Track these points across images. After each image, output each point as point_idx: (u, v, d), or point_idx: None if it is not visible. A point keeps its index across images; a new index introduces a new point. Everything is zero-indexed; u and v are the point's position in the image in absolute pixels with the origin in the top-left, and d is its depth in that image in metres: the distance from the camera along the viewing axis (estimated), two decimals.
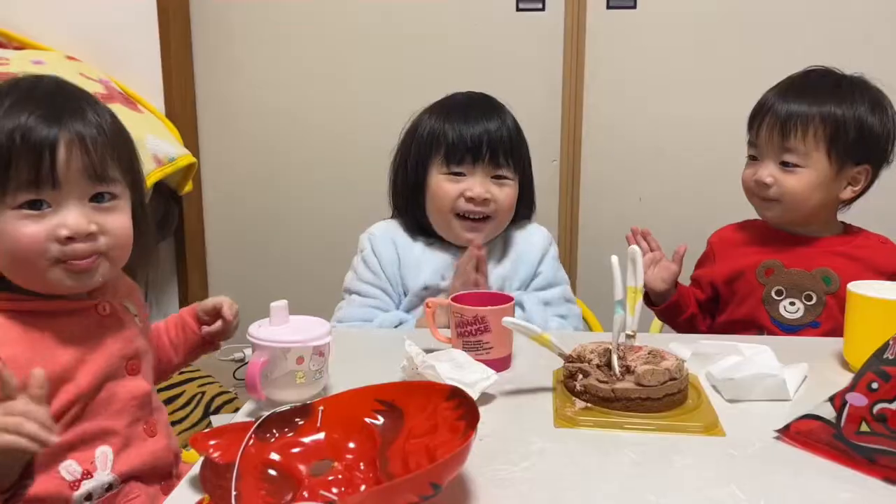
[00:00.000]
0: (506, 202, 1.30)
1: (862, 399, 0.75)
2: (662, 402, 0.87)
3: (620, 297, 0.92)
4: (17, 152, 0.80)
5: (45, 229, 0.81)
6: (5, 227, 0.81)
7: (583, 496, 0.70)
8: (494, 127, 1.29)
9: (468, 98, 1.35)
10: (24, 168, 0.80)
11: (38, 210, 0.81)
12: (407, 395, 0.77)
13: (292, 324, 0.92)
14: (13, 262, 0.83)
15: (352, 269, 1.36)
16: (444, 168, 1.29)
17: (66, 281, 0.84)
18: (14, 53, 1.96)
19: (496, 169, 1.29)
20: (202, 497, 0.66)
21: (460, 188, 1.28)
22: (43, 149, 0.80)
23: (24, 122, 0.81)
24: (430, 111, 1.35)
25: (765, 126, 1.27)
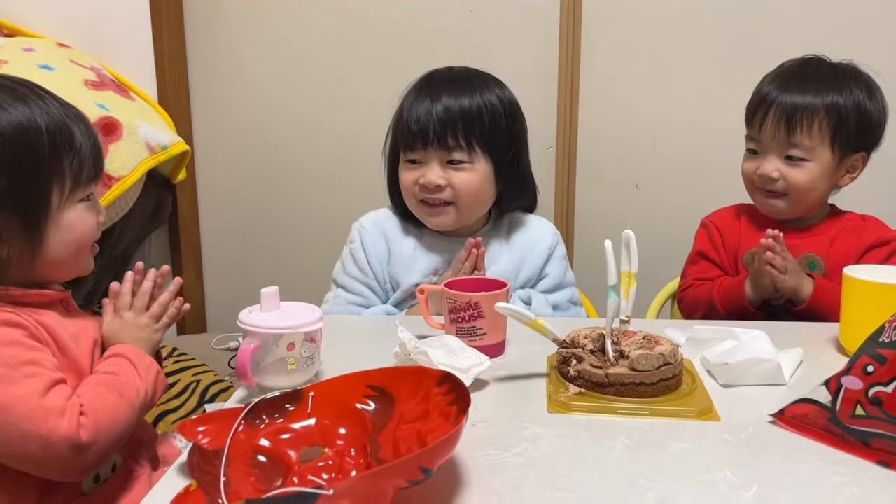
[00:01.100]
0: (464, 187, 1.24)
1: (857, 382, 0.74)
2: (656, 387, 0.86)
3: (614, 281, 0.91)
4: (89, 149, 0.89)
5: (94, 218, 0.92)
6: (73, 219, 0.88)
7: (576, 481, 0.70)
8: (444, 105, 1.22)
9: (442, 75, 1.30)
10: (93, 164, 0.90)
11: (89, 200, 0.91)
12: (398, 381, 0.77)
13: (283, 310, 0.91)
14: (77, 251, 0.90)
15: (340, 259, 1.34)
16: (403, 155, 1.27)
17: (91, 263, 0.94)
18: (5, 41, 1.94)
19: (448, 153, 1.23)
20: (190, 483, 0.65)
21: (416, 176, 1.25)
22: (101, 148, 0.92)
23: (86, 123, 0.90)
24: (410, 84, 1.31)
25: (769, 121, 1.26)
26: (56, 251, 0.87)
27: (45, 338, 0.84)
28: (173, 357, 1.74)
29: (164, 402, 1.59)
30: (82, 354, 0.88)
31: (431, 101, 1.23)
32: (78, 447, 0.77)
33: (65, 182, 0.87)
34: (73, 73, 1.87)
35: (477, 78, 1.29)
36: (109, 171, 1.76)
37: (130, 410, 0.84)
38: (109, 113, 1.80)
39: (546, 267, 1.32)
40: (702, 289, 1.32)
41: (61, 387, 0.80)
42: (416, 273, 1.28)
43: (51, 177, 0.86)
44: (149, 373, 0.89)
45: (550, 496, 0.67)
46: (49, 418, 0.76)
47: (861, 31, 1.94)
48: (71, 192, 0.88)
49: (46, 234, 0.86)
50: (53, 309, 0.89)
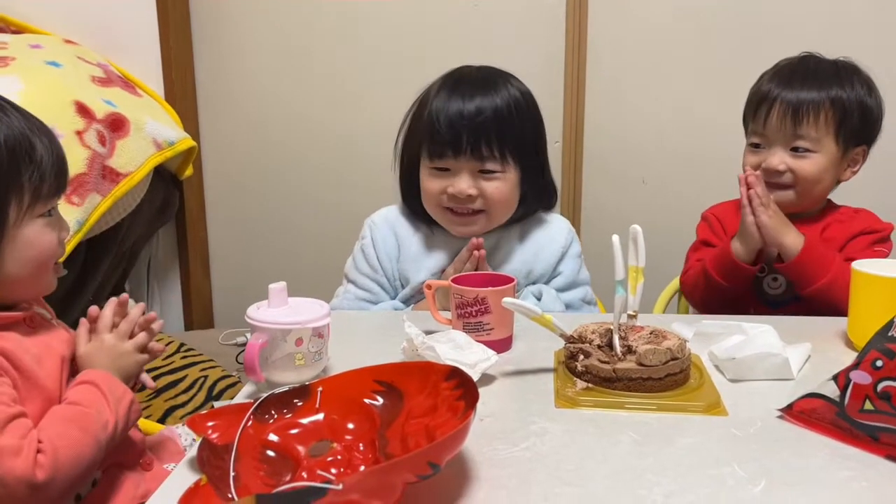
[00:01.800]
0: (496, 196, 1.21)
1: (866, 377, 0.74)
2: (664, 381, 0.86)
3: (622, 276, 0.91)
4: (51, 164, 0.86)
5: (56, 235, 0.88)
6: (32, 235, 0.85)
7: (583, 475, 0.70)
8: (476, 111, 1.17)
9: (468, 77, 1.24)
10: (54, 178, 0.86)
11: (51, 217, 0.88)
12: (406, 376, 0.77)
13: (291, 306, 0.91)
14: (37, 269, 0.86)
15: (352, 255, 1.34)
16: (428, 161, 1.22)
17: (54, 282, 0.91)
18: (12, 37, 1.95)
19: (481, 163, 1.19)
20: (200, 478, 0.65)
21: (444, 185, 1.21)
22: (65, 163, 0.89)
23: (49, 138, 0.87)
24: (435, 83, 1.26)
25: (774, 114, 1.27)
26: (13, 269, 0.84)
27: (2, 366, 0.80)
28: (181, 352, 1.74)
29: (173, 398, 1.60)
30: (47, 375, 0.85)
31: (463, 106, 1.18)
32: (34, 487, 0.73)
33: (23, 196, 0.83)
34: (80, 69, 1.87)
35: (502, 78, 1.25)
36: (117, 168, 1.76)
37: (95, 446, 0.80)
38: (117, 109, 1.81)
39: (560, 265, 1.30)
40: (697, 268, 1.34)
41: (17, 423, 0.76)
42: (426, 270, 1.28)
43: (8, 191, 0.82)
44: (120, 404, 0.84)
45: (558, 490, 0.67)
46: (3, 459, 0.72)
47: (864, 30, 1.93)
48: (29, 206, 0.84)
49: (2, 250, 0.82)
50: (15, 329, 0.85)
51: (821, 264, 1.20)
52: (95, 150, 1.71)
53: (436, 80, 1.28)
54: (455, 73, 1.27)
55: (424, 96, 1.27)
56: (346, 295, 1.31)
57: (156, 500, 0.67)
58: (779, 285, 1.29)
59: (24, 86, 1.68)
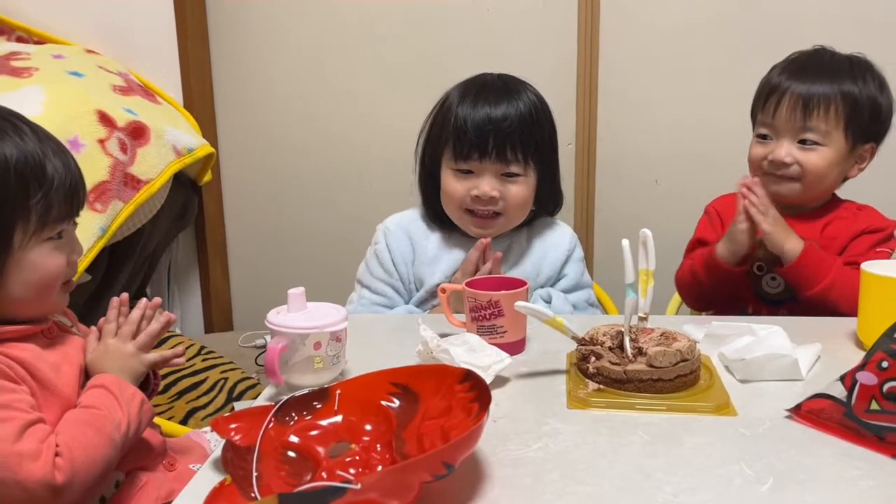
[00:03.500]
0: (516, 200, 1.26)
1: (872, 378, 0.76)
2: (674, 382, 0.88)
3: (632, 279, 0.93)
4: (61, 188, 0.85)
5: (64, 257, 0.88)
6: (37, 259, 0.85)
7: (595, 475, 0.72)
8: (503, 118, 1.22)
9: (489, 83, 1.28)
10: (65, 202, 0.86)
11: (60, 240, 0.87)
12: (421, 379, 0.79)
13: (310, 310, 0.94)
14: (41, 291, 0.86)
15: (365, 261, 1.36)
16: (451, 162, 1.26)
17: (64, 301, 0.91)
18: (35, 48, 2.00)
19: (505, 166, 1.24)
20: (224, 478, 0.68)
21: (468, 186, 1.25)
22: (80, 185, 0.89)
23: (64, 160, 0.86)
24: (456, 90, 1.29)
25: (784, 105, 1.26)
26: (17, 291, 0.84)
27: (19, 375, 0.82)
28: (201, 355, 1.78)
29: (194, 399, 1.63)
30: (65, 383, 0.86)
31: (489, 110, 1.22)
32: (54, 489, 0.76)
33: (30, 220, 0.83)
34: (101, 78, 1.92)
35: (521, 85, 1.29)
36: (138, 175, 1.80)
37: (111, 446, 0.82)
38: (137, 117, 1.85)
39: (564, 268, 1.34)
40: (685, 268, 1.35)
41: (36, 428, 0.78)
42: (440, 273, 1.30)
43: (14, 215, 0.82)
44: (131, 404, 0.86)
45: (570, 489, 0.69)
46: (23, 463, 0.75)
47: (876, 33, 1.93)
48: (36, 231, 0.84)
49: (6, 272, 0.83)
50: (33, 341, 0.86)
51: (819, 269, 1.20)
52: (117, 157, 1.75)
53: (455, 87, 1.31)
54: (477, 79, 1.30)
55: (446, 102, 1.29)
56: (361, 301, 1.33)
57: (183, 498, 0.69)
58: (777, 284, 1.29)
59: (48, 96, 1.72)
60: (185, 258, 2.30)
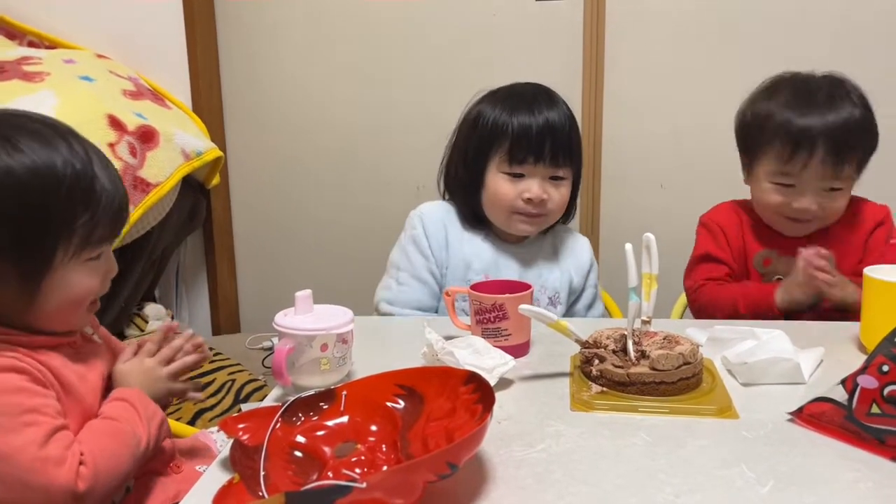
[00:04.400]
0: (560, 202, 1.30)
1: (873, 381, 0.76)
2: (677, 385, 0.88)
3: (635, 283, 0.93)
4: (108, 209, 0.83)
5: (100, 277, 0.87)
6: (74, 279, 0.84)
7: (597, 476, 0.72)
8: (558, 124, 1.26)
9: (531, 92, 1.31)
10: (109, 224, 0.85)
11: (99, 259, 0.86)
12: (426, 380, 0.80)
13: (316, 313, 0.95)
14: (71, 309, 0.86)
15: (400, 246, 1.35)
16: (504, 166, 1.27)
17: (88, 318, 0.91)
18: (46, 53, 2.02)
19: (555, 169, 1.27)
20: (232, 476, 0.69)
21: (519, 190, 1.27)
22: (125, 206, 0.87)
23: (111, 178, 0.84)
24: (492, 100, 1.31)
25: (815, 160, 1.21)
26: (50, 306, 0.83)
27: (49, 381, 0.82)
28: None
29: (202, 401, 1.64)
30: (88, 391, 0.87)
31: (547, 116, 1.26)
32: (76, 497, 0.76)
33: (72, 241, 0.81)
34: (112, 83, 1.94)
35: (556, 95, 1.32)
36: (147, 178, 1.82)
37: (131, 459, 0.83)
38: (147, 121, 1.87)
39: (586, 280, 1.38)
40: (719, 293, 1.30)
41: (62, 434, 0.78)
42: (472, 272, 1.31)
43: (59, 234, 0.80)
44: (152, 421, 0.87)
45: (573, 490, 0.70)
46: (48, 469, 0.75)
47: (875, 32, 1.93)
48: (76, 252, 0.82)
49: (43, 289, 0.82)
50: (61, 351, 0.86)
51: None
52: (127, 161, 1.77)
53: (489, 97, 1.32)
54: (518, 88, 1.32)
55: (488, 112, 1.29)
56: (402, 288, 1.31)
57: (192, 496, 0.71)
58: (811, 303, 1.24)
59: (59, 100, 1.74)
60: (194, 261, 2.32)
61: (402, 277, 1.32)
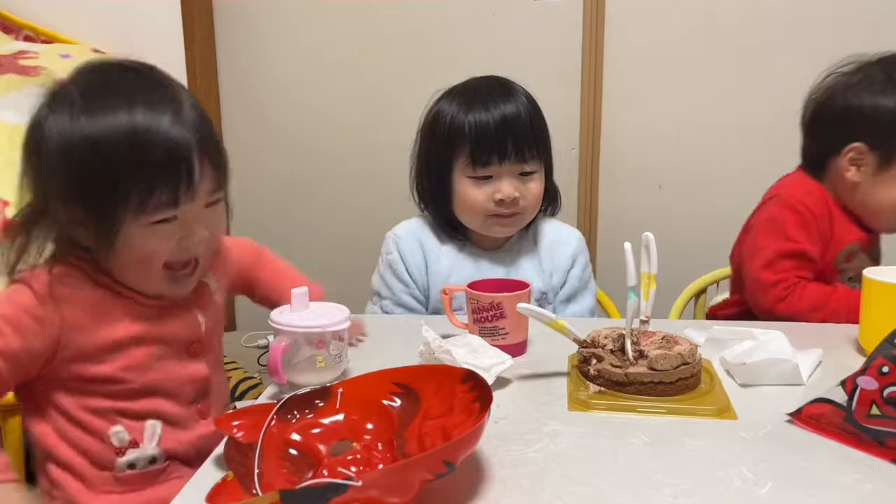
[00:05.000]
0: (534, 198, 1.26)
1: (872, 383, 0.76)
2: (675, 386, 0.88)
3: (634, 283, 0.93)
4: (158, 173, 0.82)
5: (171, 243, 0.86)
6: (137, 238, 0.84)
7: (594, 476, 0.72)
8: (517, 118, 1.21)
9: (486, 86, 1.26)
10: (167, 188, 0.82)
11: (169, 223, 0.85)
12: (423, 379, 0.79)
13: (313, 310, 0.94)
14: (141, 270, 0.87)
15: (378, 271, 1.33)
16: (468, 170, 1.23)
17: (170, 287, 0.90)
18: (42, 47, 2.01)
19: (522, 164, 1.23)
20: (226, 474, 0.68)
21: (488, 192, 1.22)
22: (187, 167, 0.83)
23: (154, 136, 0.81)
24: (448, 99, 1.27)
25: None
26: (122, 261, 0.86)
27: (50, 322, 0.83)
28: None
29: None
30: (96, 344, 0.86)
31: (503, 111, 1.21)
32: None
33: (129, 204, 0.81)
34: None
35: (513, 85, 1.27)
36: None
37: None
38: None
39: (569, 273, 1.33)
40: (828, 297, 1.20)
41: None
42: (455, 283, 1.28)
43: (120, 195, 0.81)
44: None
45: (570, 490, 0.70)
46: None
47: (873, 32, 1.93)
48: (136, 216, 0.82)
49: (118, 242, 0.83)
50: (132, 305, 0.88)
51: None
52: None
53: (445, 96, 1.28)
54: (472, 85, 1.28)
55: (445, 112, 1.25)
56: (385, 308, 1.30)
57: (185, 494, 0.70)
58: None
59: None
60: None
61: (385, 305, 1.30)
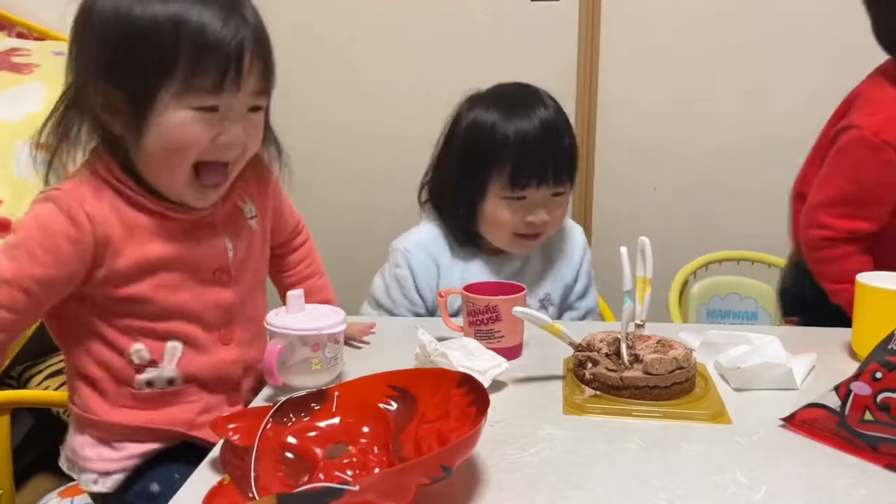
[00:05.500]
0: (560, 218, 1.26)
1: (866, 388, 0.76)
2: (670, 390, 0.88)
3: (630, 287, 0.93)
4: (207, 52, 0.79)
5: (206, 136, 0.83)
6: (173, 120, 0.81)
7: (590, 480, 0.72)
8: (559, 141, 1.19)
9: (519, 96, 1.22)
10: (211, 73, 0.80)
11: (208, 113, 0.82)
12: (419, 382, 0.79)
13: (308, 312, 0.94)
14: (170, 158, 0.83)
15: (383, 281, 1.29)
16: (506, 191, 1.19)
17: (195, 195, 0.88)
18: (35, 44, 1.99)
19: (558, 187, 1.21)
20: (223, 477, 0.68)
21: (521, 214, 1.20)
22: (237, 54, 0.81)
23: (208, 18, 0.80)
24: (484, 108, 1.21)
25: None
26: (152, 147, 0.83)
27: (86, 244, 0.82)
28: None
29: None
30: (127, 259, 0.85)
31: (542, 136, 1.18)
32: None
33: (173, 80, 0.79)
34: None
35: (542, 94, 1.24)
36: None
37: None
38: None
39: (579, 271, 1.35)
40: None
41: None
42: None
43: (160, 69, 0.79)
44: None
45: (566, 494, 0.70)
46: None
47: None
48: (178, 94, 0.80)
49: (149, 124, 0.81)
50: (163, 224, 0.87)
51: None
52: None
53: (484, 99, 1.23)
54: (509, 92, 1.24)
55: (479, 115, 1.21)
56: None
57: (181, 497, 0.70)
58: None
59: (48, 93, 1.72)
60: None
61: (384, 315, 1.28)
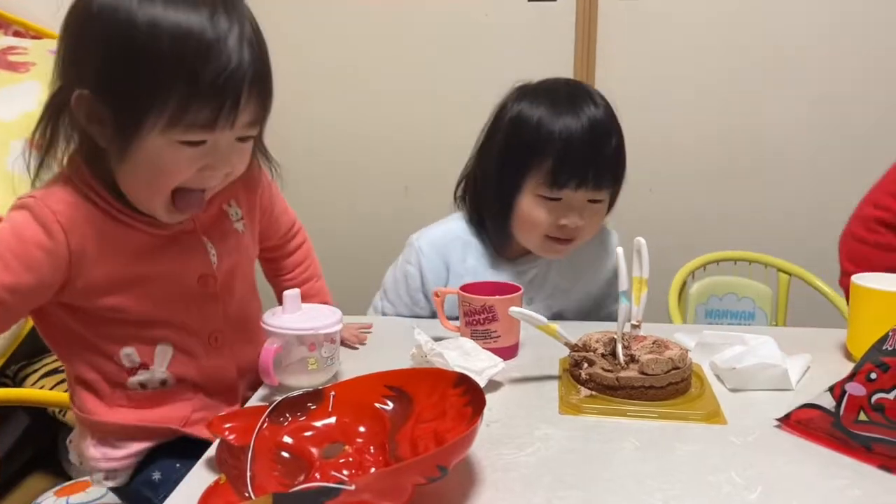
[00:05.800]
0: (595, 226, 1.19)
1: (861, 389, 0.77)
2: (665, 390, 0.88)
3: (626, 287, 0.93)
4: (204, 90, 0.75)
5: (191, 169, 0.80)
6: (157, 151, 0.78)
7: (585, 480, 0.72)
8: (606, 144, 1.14)
9: (574, 97, 1.18)
10: (205, 110, 0.76)
11: (198, 146, 0.79)
12: (416, 382, 0.79)
13: (305, 312, 0.94)
14: (150, 185, 0.81)
15: (394, 271, 1.28)
16: (542, 189, 1.13)
17: (169, 216, 0.86)
18: (32, 42, 1.99)
19: (598, 193, 1.15)
20: (219, 477, 0.68)
21: (556, 215, 1.14)
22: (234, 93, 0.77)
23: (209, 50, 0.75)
24: (531, 102, 1.17)
25: None
26: (132, 173, 0.80)
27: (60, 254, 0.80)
28: None
29: None
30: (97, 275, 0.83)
31: (588, 136, 1.12)
32: None
33: (164, 112, 0.75)
34: None
35: (594, 94, 1.20)
36: None
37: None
38: None
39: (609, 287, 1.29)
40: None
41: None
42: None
43: (151, 98, 0.74)
44: None
45: (561, 494, 0.70)
46: None
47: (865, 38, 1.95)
48: (167, 127, 0.76)
49: (132, 149, 0.78)
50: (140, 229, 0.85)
51: None
52: None
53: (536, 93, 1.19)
54: (554, 91, 1.20)
55: (530, 122, 1.15)
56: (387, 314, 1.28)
57: (177, 497, 0.69)
58: None
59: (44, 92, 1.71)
60: None
61: (386, 307, 1.28)
